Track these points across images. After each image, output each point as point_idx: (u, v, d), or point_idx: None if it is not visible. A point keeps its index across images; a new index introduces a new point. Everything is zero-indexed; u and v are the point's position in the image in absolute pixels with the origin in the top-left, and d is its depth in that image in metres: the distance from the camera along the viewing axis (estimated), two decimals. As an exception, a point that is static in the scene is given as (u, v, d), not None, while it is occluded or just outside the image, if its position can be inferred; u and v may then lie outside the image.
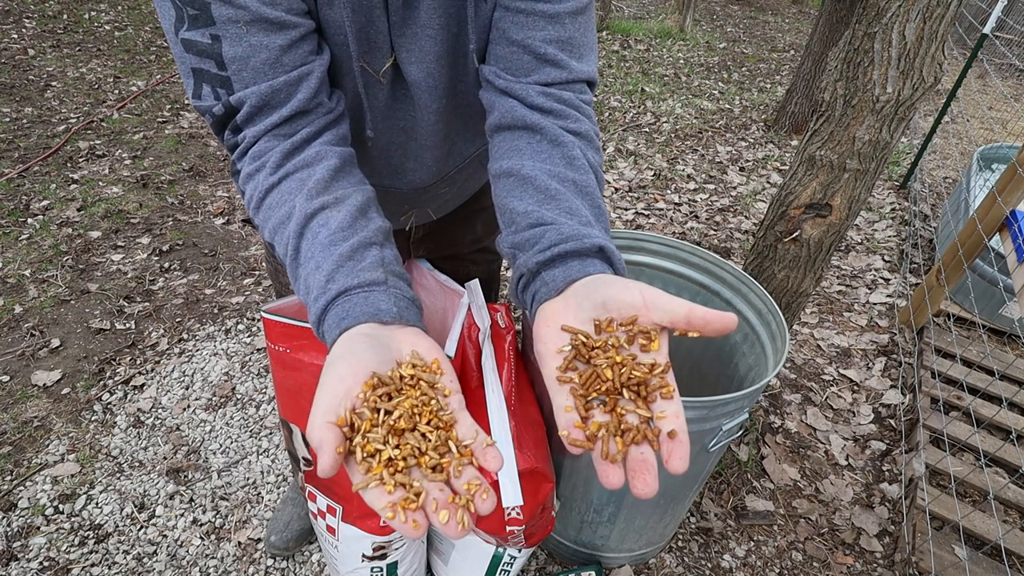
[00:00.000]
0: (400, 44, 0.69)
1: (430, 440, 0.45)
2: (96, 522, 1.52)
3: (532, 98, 0.67)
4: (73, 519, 1.52)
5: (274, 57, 0.60)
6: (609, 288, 0.50)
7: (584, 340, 0.48)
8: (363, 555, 1.15)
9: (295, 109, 0.63)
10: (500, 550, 1.22)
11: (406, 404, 0.46)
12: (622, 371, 0.46)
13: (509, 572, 1.28)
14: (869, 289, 2.65)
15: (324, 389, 0.45)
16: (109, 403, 1.84)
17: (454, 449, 0.45)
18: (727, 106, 4.70)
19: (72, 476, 1.62)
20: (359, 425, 0.44)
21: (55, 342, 2.02)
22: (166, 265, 2.43)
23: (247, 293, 2.33)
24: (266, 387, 1.93)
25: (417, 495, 0.43)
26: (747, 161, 3.79)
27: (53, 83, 3.85)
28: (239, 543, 1.50)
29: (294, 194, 0.60)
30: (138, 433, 1.75)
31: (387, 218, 0.66)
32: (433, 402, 0.47)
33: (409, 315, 0.54)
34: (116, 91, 3.86)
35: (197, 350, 2.05)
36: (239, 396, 1.90)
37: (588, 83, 0.71)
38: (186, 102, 3.84)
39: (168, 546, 1.48)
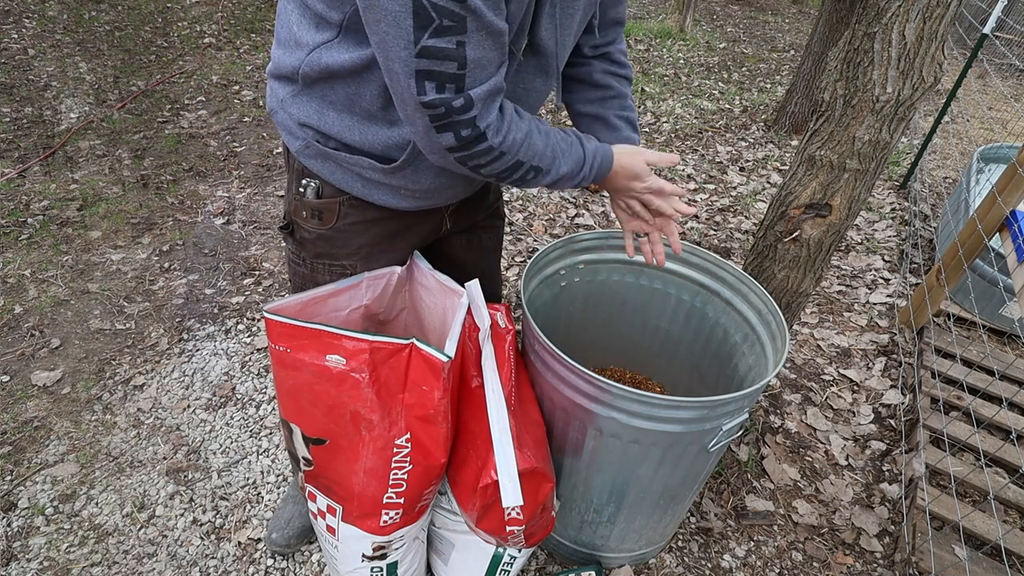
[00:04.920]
0: (547, 24, 0.84)
1: None
2: (96, 522, 1.52)
3: (609, 61, 1.09)
4: (73, 519, 1.52)
5: (499, 58, 0.75)
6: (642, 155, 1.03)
7: None
8: (363, 555, 1.15)
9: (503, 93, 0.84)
10: (500, 550, 1.22)
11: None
12: None
13: (509, 572, 1.28)
14: (869, 289, 2.65)
15: (638, 162, 1.01)
16: (109, 403, 1.84)
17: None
18: (727, 106, 4.70)
19: (72, 476, 1.62)
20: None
21: (55, 342, 2.02)
22: (166, 265, 2.43)
23: (247, 293, 2.33)
24: (266, 387, 1.94)
25: None
26: (747, 161, 3.80)
27: (53, 83, 3.85)
28: (239, 543, 1.50)
29: (527, 124, 0.86)
30: (138, 433, 1.75)
31: (457, 188, 1.00)
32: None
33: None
34: (116, 91, 3.86)
35: (197, 350, 2.05)
36: (239, 396, 1.90)
37: None
38: (186, 102, 3.84)
39: (168, 546, 1.48)
